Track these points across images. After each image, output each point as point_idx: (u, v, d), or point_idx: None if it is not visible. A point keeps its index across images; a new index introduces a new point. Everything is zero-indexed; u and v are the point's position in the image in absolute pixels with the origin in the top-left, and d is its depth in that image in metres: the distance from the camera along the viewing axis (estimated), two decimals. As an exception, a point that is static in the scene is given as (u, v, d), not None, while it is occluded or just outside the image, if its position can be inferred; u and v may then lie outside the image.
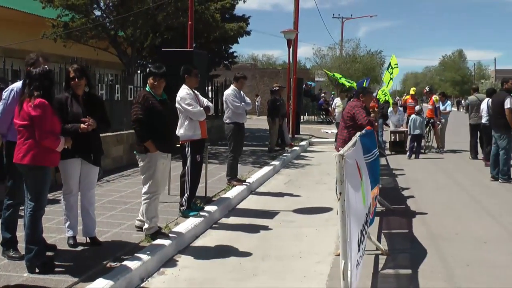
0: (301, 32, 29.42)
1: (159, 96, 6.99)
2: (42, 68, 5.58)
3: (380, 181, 10.16)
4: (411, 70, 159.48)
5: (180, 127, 8.19)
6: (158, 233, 6.89)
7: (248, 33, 23.58)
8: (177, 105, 8.10)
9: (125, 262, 5.82)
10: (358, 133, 6.57)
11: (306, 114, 36.92)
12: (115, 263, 5.84)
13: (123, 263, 5.80)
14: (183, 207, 8.14)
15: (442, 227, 8.21)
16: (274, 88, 18.00)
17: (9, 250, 5.86)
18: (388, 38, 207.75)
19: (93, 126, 6.05)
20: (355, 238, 4.49)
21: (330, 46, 49.97)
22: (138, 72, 16.43)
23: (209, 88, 20.95)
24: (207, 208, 8.63)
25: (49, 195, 6.52)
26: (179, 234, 7.12)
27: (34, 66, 5.69)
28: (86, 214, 6.43)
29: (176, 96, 8.15)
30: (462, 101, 78.91)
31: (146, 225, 6.88)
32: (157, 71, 7.00)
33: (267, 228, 8.26)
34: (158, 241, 6.68)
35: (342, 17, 55.32)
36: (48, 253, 5.88)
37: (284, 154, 16.55)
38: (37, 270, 5.45)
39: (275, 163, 14.30)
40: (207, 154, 9.90)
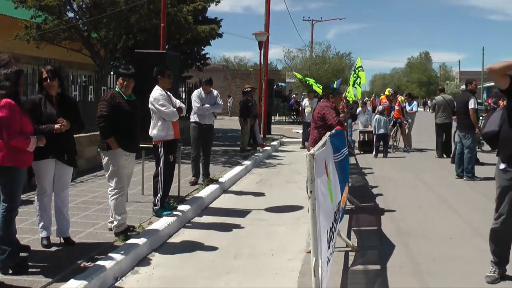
0: (272, 34, 29.52)
1: (127, 96, 6.98)
2: (8, 69, 5.50)
3: (350, 180, 10.24)
4: (379, 71, 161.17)
5: (153, 127, 8.15)
6: (127, 230, 6.88)
7: (220, 35, 23.52)
8: (150, 105, 8.07)
9: (99, 262, 5.77)
10: (328, 133, 6.60)
11: (277, 114, 37.02)
12: (89, 263, 5.78)
13: (97, 263, 5.74)
14: (156, 207, 8.09)
15: (410, 224, 8.29)
16: (246, 89, 18.00)
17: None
18: (357, 40, 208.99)
19: (66, 127, 5.99)
20: (324, 235, 4.50)
21: (300, 48, 50.18)
22: (112, 73, 16.28)
23: (181, 89, 20.87)
24: (180, 207, 8.60)
25: (23, 196, 6.43)
26: (152, 233, 7.08)
27: (5, 67, 5.61)
28: (60, 214, 6.36)
29: (149, 97, 8.11)
30: (428, 101, 79.90)
31: (115, 222, 6.86)
32: (126, 72, 7.05)
33: (239, 226, 8.26)
34: (132, 240, 6.64)
35: (312, 19, 55.53)
36: (22, 254, 5.80)
37: (256, 154, 16.57)
38: (11, 271, 5.37)
39: (247, 163, 14.30)
40: (180, 154, 9.86)
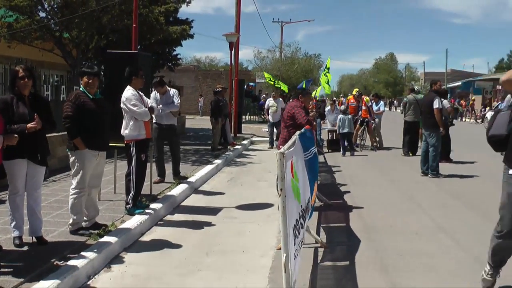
0: (242, 35, 29.52)
1: (92, 95, 6.92)
2: None
3: (319, 178, 10.29)
4: (347, 72, 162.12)
5: (125, 127, 8.08)
6: (81, 229, 6.85)
7: (191, 36, 23.47)
8: (122, 105, 8.01)
9: (72, 261, 5.70)
10: (297, 132, 6.63)
11: (248, 114, 37.09)
12: (61, 262, 5.70)
13: (69, 262, 5.67)
14: (128, 205, 8.04)
15: (377, 220, 8.37)
16: (217, 89, 17.98)
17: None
18: (326, 42, 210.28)
19: (39, 125, 5.91)
20: (291, 232, 4.52)
21: (270, 49, 50.40)
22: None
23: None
24: (152, 205, 8.56)
25: (-6, 196, 6.35)
26: (125, 232, 7.03)
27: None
28: (33, 214, 6.26)
29: (121, 96, 8.05)
30: (395, 101, 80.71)
31: (70, 220, 6.83)
32: (90, 70, 7.01)
33: (211, 224, 8.24)
34: (104, 238, 6.58)
35: (281, 21, 55.81)
36: (-6, 253, 5.72)
37: (227, 153, 16.57)
38: (-17, 270, 5.30)
39: (218, 162, 14.29)
40: (152, 153, 9.81)
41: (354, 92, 20.82)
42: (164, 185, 10.40)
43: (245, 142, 20.88)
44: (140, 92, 8.22)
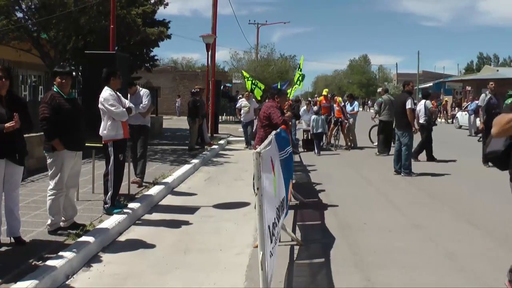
0: (219, 37, 29.49)
1: (66, 95, 6.87)
2: None
3: (294, 177, 10.33)
4: (321, 73, 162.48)
5: (103, 127, 8.02)
6: (59, 229, 6.80)
7: (169, 37, 23.30)
8: (100, 105, 7.94)
9: (50, 261, 5.64)
10: (273, 132, 6.65)
11: (224, 114, 37.06)
12: (40, 262, 5.64)
13: (47, 262, 5.60)
14: (107, 205, 7.97)
15: (351, 218, 8.42)
16: (194, 90, 17.94)
17: None
18: (301, 43, 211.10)
19: (18, 125, 5.83)
20: (267, 230, 4.53)
21: (246, 50, 50.54)
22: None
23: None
24: (131, 205, 8.50)
25: (-28, 196, 6.24)
26: (103, 231, 6.98)
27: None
28: (11, 214, 6.17)
29: (99, 97, 7.99)
30: (369, 102, 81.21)
31: (49, 221, 6.77)
32: (63, 70, 6.95)
33: (188, 223, 8.22)
34: (82, 238, 6.52)
35: (257, 23, 55.86)
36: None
37: (204, 153, 16.52)
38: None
39: (195, 161, 14.25)
40: (130, 153, 9.74)
41: (324, 93, 20.90)
42: (142, 185, 10.33)
43: (222, 142, 20.85)
44: (118, 93, 8.17)
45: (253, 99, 20.48)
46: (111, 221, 7.42)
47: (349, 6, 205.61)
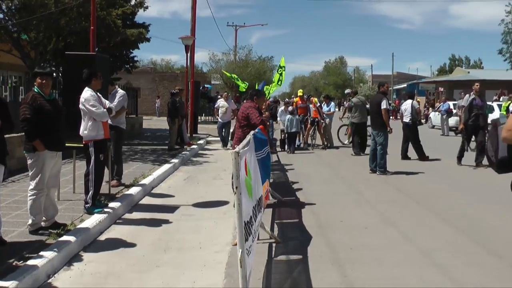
0: (198, 39, 29.43)
1: (47, 95, 6.82)
2: None
3: (272, 176, 10.35)
4: (298, 74, 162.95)
5: (84, 127, 7.96)
6: (40, 229, 6.74)
7: (148, 39, 23.18)
8: (81, 106, 7.88)
9: (31, 260, 5.57)
10: (251, 132, 6.66)
11: (203, 114, 36.98)
12: (21, 262, 5.57)
13: (29, 261, 5.54)
14: (88, 205, 7.91)
15: (328, 216, 8.45)
16: (174, 91, 17.89)
17: None
18: (278, 45, 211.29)
19: (-2, 125, 5.77)
20: (246, 228, 4.53)
21: (224, 52, 50.49)
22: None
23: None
24: (111, 204, 8.45)
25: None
26: (84, 230, 6.92)
27: None
28: (-9, 214, 6.12)
29: (80, 97, 7.93)
30: (345, 102, 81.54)
31: (30, 221, 6.71)
32: (43, 70, 6.94)
33: (168, 222, 8.19)
34: (64, 237, 6.46)
35: (235, 25, 55.84)
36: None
37: (183, 152, 16.48)
38: None
39: (174, 161, 14.20)
40: (110, 153, 9.67)
41: (299, 94, 20.98)
42: (122, 185, 10.27)
43: (201, 142, 20.82)
44: (98, 93, 8.12)
45: (231, 100, 20.50)
46: (92, 221, 7.37)
47: (325, 9, 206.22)
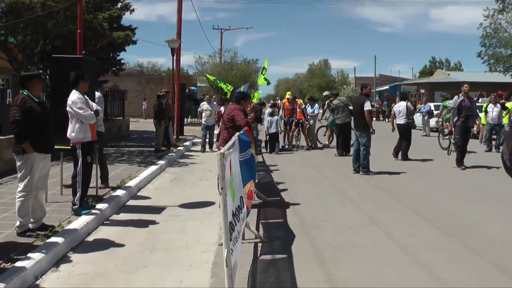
0: (184, 42, 29.39)
1: (36, 98, 6.79)
2: None
3: (257, 176, 10.35)
4: (283, 76, 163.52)
5: (72, 130, 7.92)
6: (28, 230, 6.69)
7: (135, 42, 23.14)
8: (68, 108, 7.84)
9: (19, 262, 5.53)
10: (237, 134, 6.66)
11: (189, 116, 37.00)
12: (8, 264, 5.53)
13: (16, 263, 5.49)
14: (75, 206, 7.87)
15: (313, 216, 8.47)
16: (161, 93, 17.86)
17: None
18: (263, 47, 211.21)
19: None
20: (231, 228, 4.53)
21: (210, 54, 50.52)
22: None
23: (98, 93, 20.38)
24: (98, 206, 8.40)
25: None
26: (72, 232, 6.87)
27: None
28: (-22, 216, 6.07)
29: (67, 100, 7.89)
30: (323, 104, 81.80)
31: (17, 223, 6.66)
32: (31, 72, 6.93)
33: (155, 222, 8.17)
34: (51, 239, 6.41)
35: (221, 28, 55.89)
36: None
37: (170, 154, 16.44)
38: None
39: (161, 162, 14.16)
40: (97, 155, 9.62)
41: (287, 96, 21.03)
42: (110, 186, 10.21)
43: (187, 143, 20.79)
44: (85, 96, 8.08)
45: (214, 103, 20.49)
46: (80, 222, 7.32)
47: (309, 13, 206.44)
